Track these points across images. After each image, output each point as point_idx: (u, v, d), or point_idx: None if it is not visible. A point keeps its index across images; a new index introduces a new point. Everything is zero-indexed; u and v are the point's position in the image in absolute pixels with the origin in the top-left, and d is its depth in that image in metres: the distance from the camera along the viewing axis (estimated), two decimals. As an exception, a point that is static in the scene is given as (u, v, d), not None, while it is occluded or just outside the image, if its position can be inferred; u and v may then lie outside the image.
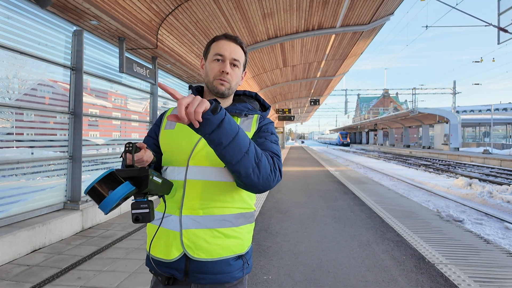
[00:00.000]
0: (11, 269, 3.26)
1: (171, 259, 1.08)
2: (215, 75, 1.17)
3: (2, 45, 3.78)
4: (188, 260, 1.07)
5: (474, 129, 45.93)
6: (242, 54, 1.22)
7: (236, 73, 1.21)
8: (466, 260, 3.38)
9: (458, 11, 13.66)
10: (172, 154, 1.15)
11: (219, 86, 1.17)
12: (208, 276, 1.08)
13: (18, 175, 4.38)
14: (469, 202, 9.67)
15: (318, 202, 6.51)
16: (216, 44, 1.20)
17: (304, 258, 3.51)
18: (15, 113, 4.40)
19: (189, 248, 1.06)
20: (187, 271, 1.08)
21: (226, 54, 1.17)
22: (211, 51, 1.21)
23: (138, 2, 5.32)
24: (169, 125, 1.22)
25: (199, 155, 1.12)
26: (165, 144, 1.19)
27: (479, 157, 22.68)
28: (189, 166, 1.11)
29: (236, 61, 1.19)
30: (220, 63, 1.18)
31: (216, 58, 1.18)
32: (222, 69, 1.16)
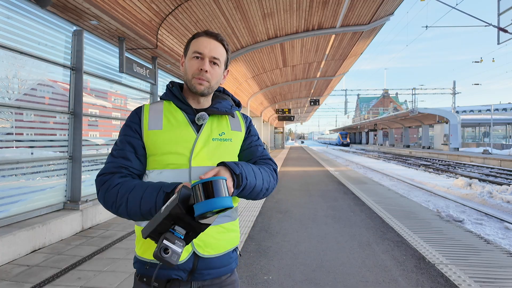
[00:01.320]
0: (11, 269, 3.26)
1: (181, 261, 1.05)
2: (193, 73, 1.12)
3: (2, 45, 3.78)
4: (197, 258, 1.08)
5: (474, 129, 45.93)
6: (223, 52, 1.17)
7: (216, 72, 1.15)
8: (467, 260, 3.37)
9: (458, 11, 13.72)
10: (169, 156, 1.08)
11: (198, 86, 1.13)
12: (213, 271, 1.11)
13: (18, 175, 4.38)
14: (469, 202, 9.67)
15: (318, 202, 6.50)
16: (196, 41, 1.15)
17: (304, 258, 3.50)
18: (15, 113, 4.40)
19: (199, 247, 1.07)
20: (194, 270, 1.08)
21: (206, 51, 1.12)
22: (190, 48, 1.15)
23: (138, 2, 5.32)
24: (154, 124, 1.12)
25: (201, 155, 1.10)
26: (155, 146, 1.10)
27: (479, 157, 22.69)
28: (192, 167, 1.08)
29: (216, 59, 1.14)
30: (199, 60, 1.12)
31: (195, 55, 1.12)
32: (201, 67, 1.11)
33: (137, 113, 1.15)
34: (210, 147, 1.12)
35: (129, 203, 1.00)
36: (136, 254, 1.13)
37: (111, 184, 1.04)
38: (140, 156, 1.11)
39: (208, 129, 1.15)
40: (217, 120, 1.20)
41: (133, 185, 1.03)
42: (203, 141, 1.12)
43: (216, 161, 1.10)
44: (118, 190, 1.02)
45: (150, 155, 1.11)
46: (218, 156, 1.13)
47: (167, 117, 1.13)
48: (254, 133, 1.31)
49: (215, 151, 1.13)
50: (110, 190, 1.03)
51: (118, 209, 1.02)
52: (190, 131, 1.11)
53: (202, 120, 1.13)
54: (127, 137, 1.11)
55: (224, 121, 1.21)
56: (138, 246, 1.12)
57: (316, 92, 23.83)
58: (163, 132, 1.10)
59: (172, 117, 1.13)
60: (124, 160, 1.09)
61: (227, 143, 1.17)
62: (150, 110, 1.15)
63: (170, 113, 1.14)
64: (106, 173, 1.07)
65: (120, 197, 1.01)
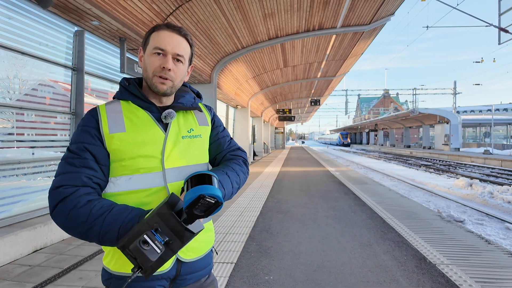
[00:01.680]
0: (13, 269, 3.27)
1: (164, 270, 1.00)
2: (154, 71, 1.02)
3: (4, 45, 3.79)
4: (180, 264, 1.04)
5: (474, 130, 45.88)
6: (187, 47, 1.08)
7: (180, 70, 1.06)
8: (467, 260, 3.37)
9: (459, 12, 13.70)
10: (138, 160, 0.99)
11: (160, 85, 1.03)
12: (195, 274, 1.08)
13: (19, 176, 4.39)
14: (470, 203, 9.67)
15: (319, 203, 6.51)
16: (157, 34, 1.03)
17: (305, 258, 3.51)
18: (16, 113, 4.41)
19: (182, 252, 1.03)
20: (177, 277, 1.04)
21: (168, 47, 1.02)
22: (150, 43, 1.04)
23: (139, 3, 5.33)
24: (115, 127, 1.00)
25: (173, 156, 1.03)
26: (121, 151, 0.99)
27: (480, 158, 22.67)
28: (166, 169, 1.01)
29: (180, 56, 1.04)
30: (161, 57, 1.02)
31: (156, 51, 1.02)
32: (163, 65, 1.01)
33: (93, 116, 1.02)
34: (181, 146, 1.06)
35: (105, 225, 0.89)
36: (110, 269, 1.02)
37: (80, 202, 0.90)
38: (102, 166, 0.99)
39: (175, 126, 1.08)
40: (183, 116, 1.12)
41: (110, 206, 0.92)
42: (173, 140, 1.05)
43: (189, 160, 1.06)
44: (90, 210, 0.90)
45: (115, 160, 1.00)
46: (191, 154, 1.08)
47: (129, 118, 1.03)
48: (218, 124, 1.25)
49: (187, 149, 1.08)
50: (79, 208, 0.89)
51: (88, 231, 0.90)
52: (158, 131, 1.03)
53: (170, 118, 1.05)
54: (87, 144, 0.98)
55: (190, 116, 1.15)
56: (113, 260, 1.01)
57: (316, 92, 23.83)
58: (127, 134, 1.00)
59: (134, 117, 1.03)
60: (88, 170, 0.95)
61: (197, 140, 1.12)
62: (107, 111, 1.03)
63: (131, 113, 1.04)
64: (67, 185, 0.93)
65: (93, 217, 0.89)
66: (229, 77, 12.01)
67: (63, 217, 0.91)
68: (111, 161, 1.00)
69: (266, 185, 8.97)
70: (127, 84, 1.09)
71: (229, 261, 3.43)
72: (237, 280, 2.99)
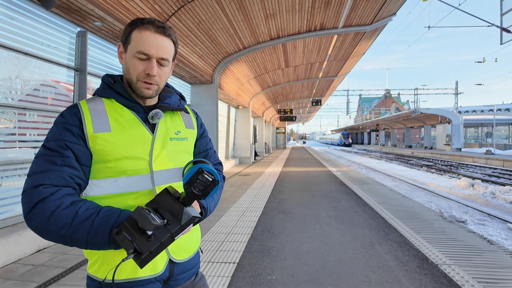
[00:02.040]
0: (17, 269, 3.29)
1: (158, 273, 0.99)
2: (138, 76, 0.98)
3: (6, 45, 3.81)
4: (173, 265, 1.03)
5: (476, 130, 45.77)
6: (171, 47, 1.01)
7: (164, 72, 1.02)
8: (470, 260, 3.38)
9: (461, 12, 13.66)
10: (125, 161, 0.95)
11: (145, 90, 0.99)
12: (186, 274, 1.09)
13: (22, 176, 4.41)
14: (471, 203, 9.65)
15: (320, 203, 6.51)
16: (139, 35, 0.96)
17: (307, 258, 3.52)
18: (18, 113, 4.44)
19: (174, 253, 1.02)
20: (170, 278, 1.03)
21: (152, 52, 0.96)
22: (132, 43, 0.97)
23: (141, 3, 5.35)
24: (99, 126, 0.95)
25: (161, 158, 1.01)
26: (106, 152, 0.94)
27: (482, 158, 22.61)
28: (154, 172, 0.98)
29: (165, 59, 0.99)
30: (145, 62, 0.97)
31: (139, 56, 0.96)
32: (148, 71, 0.97)
33: (75, 114, 0.95)
34: (169, 148, 1.03)
35: (94, 228, 0.84)
36: (99, 277, 0.97)
37: (64, 202, 0.85)
38: (83, 166, 0.93)
39: (163, 127, 1.04)
40: (170, 117, 1.09)
41: (96, 208, 0.88)
42: (161, 141, 1.02)
43: (177, 162, 1.04)
44: (76, 212, 0.85)
45: (99, 162, 0.95)
46: (178, 157, 1.06)
47: (114, 117, 0.98)
48: (206, 134, 1.24)
49: (175, 152, 1.05)
50: (62, 209, 0.84)
51: (72, 234, 0.84)
52: (145, 132, 1.00)
53: (157, 118, 1.01)
54: (68, 142, 0.91)
55: (177, 118, 1.12)
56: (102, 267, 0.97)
57: (318, 93, 23.83)
58: (112, 134, 0.95)
59: (119, 117, 0.99)
60: (70, 169, 0.90)
61: (184, 143, 1.10)
62: (90, 109, 0.97)
63: (116, 112, 0.99)
64: (47, 184, 0.86)
65: (80, 219, 0.84)
66: (231, 77, 12.02)
67: (43, 219, 0.84)
68: (95, 162, 0.96)
69: (268, 185, 8.98)
70: (111, 82, 1.03)
71: (231, 261, 3.45)
72: (239, 280, 3.00)
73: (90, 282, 1.00)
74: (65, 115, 0.96)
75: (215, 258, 3.53)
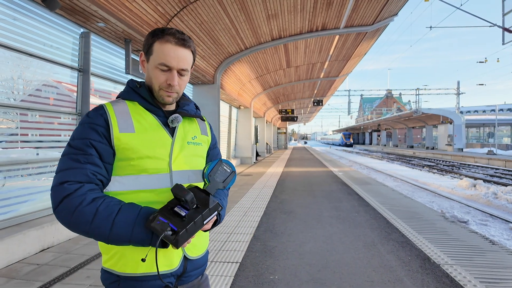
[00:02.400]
0: (21, 268, 3.31)
1: (174, 268, 1.05)
2: (160, 85, 1.06)
3: (9, 46, 3.83)
4: (186, 261, 1.10)
5: (478, 130, 45.66)
6: (190, 58, 1.09)
7: (184, 81, 1.10)
8: (472, 260, 3.38)
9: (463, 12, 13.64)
10: (147, 160, 1.02)
11: (166, 98, 1.08)
12: (197, 271, 1.15)
13: (26, 176, 4.45)
14: (473, 203, 9.64)
15: (322, 203, 6.52)
16: (161, 47, 1.04)
17: (309, 258, 3.53)
18: (20, 113, 4.47)
19: (188, 250, 1.09)
20: (183, 273, 1.09)
21: (174, 64, 1.04)
22: (154, 54, 1.05)
23: (144, 4, 5.37)
24: (124, 126, 1.02)
25: (179, 159, 1.09)
26: (130, 150, 1.01)
27: (484, 158, 22.57)
28: (173, 172, 1.06)
29: (185, 70, 1.08)
30: (166, 73, 1.05)
31: (161, 68, 1.04)
32: (169, 81, 1.05)
33: (102, 115, 1.02)
34: (187, 151, 1.12)
35: (115, 228, 0.91)
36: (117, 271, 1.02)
37: (86, 199, 0.91)
38: (106, 164, 1.00)
39: (181, 132, 1.13)
40: (188, 123, 1.18)
41: (117, 205, 0.94)
42: (179, 144, 1.10)
43: (192, 165, 1.13)
44: (97, 208, 0.91)
45: (122, 159, 1.01)
46: (193, 160, 1.14)
47: (137, 119, 1.05)
48: (217, 145, 1.34)
49: (191, 155, 1.13)
50: (84, 206, 0.90)
51: (94, 230, 0.91)
52: (165, 134, 1.08)
53: (177, 122, 1.10)
54: (93, 141, 0.98)
55: (194, 124, 1.21)
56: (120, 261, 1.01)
57: (319, 93, 23.83)
58: (136, 135, 1.02)
59: (142, 120, 1.06)
60: (93, 167, 0.96)
61: (199, 147, 1.18)
62: (116, 111, 1.04)
63: (139, 115, 1.07)
64: (72, 181, 0.93)
65: (101, 217, 0.90)
66: (232, 78, 12.05)
67: (68, 214, 0.91)
68: (118, 159, 1.02)
69: (269, 185, 9.00)
70: (137, 86, 1.11)
71: (234, 260, 3.46)
72: (242, 279, 3.02)
73: (106, 276, 1.05)
74: (91, 115, 1.03)
75: (218, 257, 3.55)
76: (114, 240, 0.93)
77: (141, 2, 5.25)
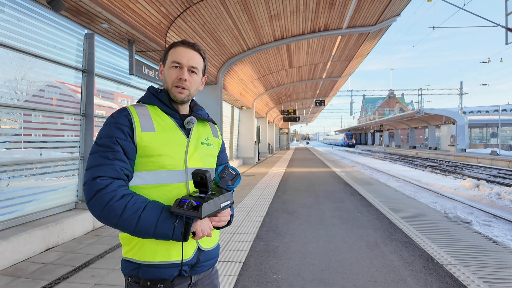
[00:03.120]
0: (27, 267, 3.34)
1: (188, 258, 1.14)
2: (173, 82, 1.19)
3: (13, 47, 3.86)
4: (200, 252, 1.18)
5: (481, 130, 45.45)
6: (200, 60, 1.24)
7: (195, 80, 1.23)
8: (475, 261, 3.38)
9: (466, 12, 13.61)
10: (165, 157, 1.13)
11: (178, 95, 1.20)
12: (209, 262, 1.24)
13: (30, 176, 4.48)
14: (476, 204, 9.61)
15: (324, 203, 6.53)
16: (174, 51, 1.21)
17: (312, 258, 3.54)
18: (23, 114, 4.51)
19: (201, 241, 1.18)
20: (196, 264, 1.17)
21: (184, 61, 1.19)
22: (168, 58, 1.22)
23: (148, 6, 5.41)
24: (146, 126, 1.15)
25: (194, 158, 1.20)
26: (150, 148, 1.12)
27: (487, 158, 22.46)
28: (188, 168, 1.16)
29: (194, 68, 1.22)
30: (178, 70, 1.20)
31: (173, 65, 1.20)
32: (180, 76, 1.19)
33: (126, 116, 1.14)
34: (200, 151, 1.23)
35: (140, 223, 1.01)
36: (137, 259, 1.12)
37: (116, 195, 1.02)
38: (130, 160, 1.12)
39: (196, 133, 1.25)
40: (202, 125, 1.31)
41: (143, 202, 1.04)
42: (194, 144, 1.22)
43: (205, 163, 1.24)
44: (126, 204, 1.02)
45: (143, 156, 1.12)
46: (206, 158, 1.26)
47: (157, 121, 1.18)
48: (224, 144, 1.46)
49: (204, 154, 1.25)
50: (115, 201, 1.01)
51: (120, 224, 1.02)
52: (181, 135, 1.20)
53: (192, 124, 1.22)
54: (118, 139, 1.10)
55: (207, 127, 1.34)
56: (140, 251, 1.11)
57: (321, 93, 23.81)
58: (156, 134, 1.14)
59: (161, 121, 1.19)
60: (121, 162, 1.08)
61: (211, 148, 1.30)
62: (138, 113, 1.17)
63: (158, 117, 1.19)
64: (104, 176, 1.05)
65: (129, 213, 1.01)
66: (235, 78, 12.07)
67: (100, 208, 1.02)
68: (139, 156, 1.13)
69: (272, 185, 9.01)
70: (157, 92, 1.25)
71: (237, 260, 3.48)
72: (245, 278, 3.03)
73: (127, 265, 1.16)
74: (116, 116, 1.15)
75: (221, 257, 3.57)
76: (139, 233, 1.03)
77: (144, 3, 5.29)
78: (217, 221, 1.11)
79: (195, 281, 1.20)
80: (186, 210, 1.01)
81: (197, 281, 1.21)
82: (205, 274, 1.24)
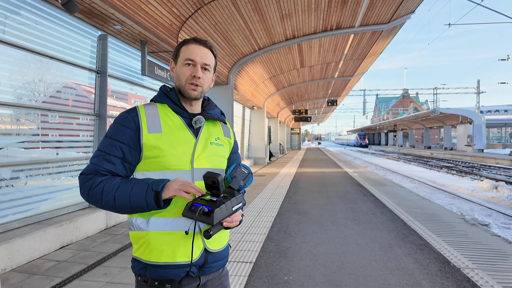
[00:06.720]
0: (42, 264, 3.41)
1: (195, 259, 1.13)
2: (187, 79, 1.19)
3: (32, 49, 3.96)
4: (207, 253, 1.17)
5: (499, 130, 44.09)
6: (212, 58, 1.24)
7: (207, 77, 1.23)
8: (494, 265, 3.26)
9: (483, 8, 13.18)
10: (171, 158, 1.13)
11: (192, 92, 1.19)
12: (218, 263, 1.22)
13: (47, 175, 4.58)
14: (495, 206, 9.31)
15: (337, 204, 6.44)
16: (186, 48, 1.20)
17: (324, 259, 3.49)
18: (40, 114, 4.61)
19: (209, 243, 1.17)
20: (204, 264, 1.16)
21: (197, 58, 1.19)
22: (181, 55, 1.21)
23: (160, 7, 5.45)
24: (153, 128, 1.15)
25: (201, 158, 1.18)
26: (156, 149, 1.13)
27: (506, 159, 21.74)
28: (194, 169, 1.16)
29: (207, 65, 1.21)
30: (191, 67, 1.19)
31: (187, 62, 1.19)
32: (194, 74, 1.18)
33: (133, 118, 1.15)
34: (209, 151, 1.21)
35: (117, 201, 1.07)
36: (144, 259, 1.13)
37: (94, 183, 1.09)
38: (125, 163, 1.14)
39: (205, 133, 1.23)
40: (212, 125, 1.29)
41: (117, 183, 1.09)
42: (202, 144, 1.20)
43: (213, 163, 1.22)
44: (102, 188, 1.08)
45: (149, 157, 1.14)
46: (215, 159, 1.24)
47: (165, 120, 1.18)
48: (237, 146, 1.45)
49: (213, 154, 1.23)
50: (93, 188, 1.08)
51: (104, 206, 1.09)
52: (189, 135, 1.18)
53: (200, 123, 1.20)
54: (118, 142, 1.13)
55: (217, 127, 1.31)
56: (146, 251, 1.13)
57: (333, 93, 23.58)
58: (163, 135, 1.15)
59: (169, 120, 1.18)
60: (108, 164, 1.12)
61: (221, 148, 1.28)
62: (146, 113, 1.17)
63: (167, 117, 1.19)
64: (88, 173, 1.12)
65: (105, 195, 1.08)
66: (246, 78, 12.07)
67: (86, 197, 1.12)
68: (145, 157, 1.15)
69: (283, 185, 8.96)
70: (168, 90, 1.25)
71: (248, 260, 3.46)
72: (256, 279, 3.01)
73: (136, 263, 1.17)
74: (123, 117, 1.17)
75: (232, 257, 3.56)
76: (121, 210, 1.10)
77: (156, 4, 5.33)
78: (229, 221, 1.10)
79: (204, 282, 1.19)
80: (198, 216, 1.01)
81: (206, 282, 1.20)
82: (215, 275, 1.23)
